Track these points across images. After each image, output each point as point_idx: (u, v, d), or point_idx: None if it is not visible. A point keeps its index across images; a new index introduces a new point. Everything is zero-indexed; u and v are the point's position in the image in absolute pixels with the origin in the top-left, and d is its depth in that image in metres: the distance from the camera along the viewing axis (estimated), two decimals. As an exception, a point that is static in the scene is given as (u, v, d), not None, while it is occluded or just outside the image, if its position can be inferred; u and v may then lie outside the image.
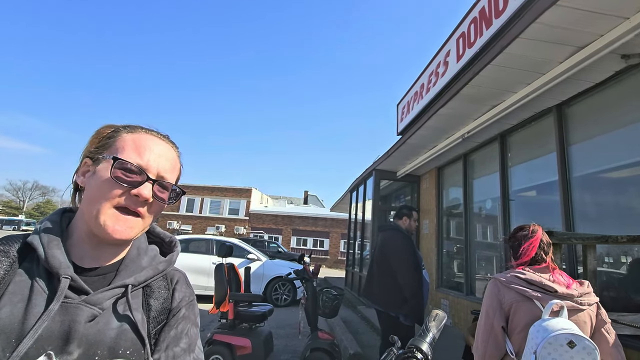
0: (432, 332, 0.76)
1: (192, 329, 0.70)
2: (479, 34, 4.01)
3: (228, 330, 3.51)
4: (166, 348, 0.65)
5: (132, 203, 0.60)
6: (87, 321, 0.57)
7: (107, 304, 0.60)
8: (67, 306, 0.57)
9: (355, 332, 5.09)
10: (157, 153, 0.64)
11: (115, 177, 0.59)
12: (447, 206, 6.03)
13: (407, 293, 2.85)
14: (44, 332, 0.53)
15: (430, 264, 6.04)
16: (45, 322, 0.53)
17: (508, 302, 1.40)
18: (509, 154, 4.35)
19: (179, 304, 0.70)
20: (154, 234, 0.76)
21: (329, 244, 25.59)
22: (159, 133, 0.69)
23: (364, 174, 8.02)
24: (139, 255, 0.68)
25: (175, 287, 0.72)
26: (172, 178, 0.67)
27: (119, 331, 0.60)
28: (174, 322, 0.68)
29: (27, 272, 0.58)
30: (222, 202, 26.14)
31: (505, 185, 4.30)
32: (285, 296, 7.83)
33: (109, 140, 0.64)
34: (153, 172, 0.63)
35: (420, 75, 5.95)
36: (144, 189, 0.60)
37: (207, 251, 7.84)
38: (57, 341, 0.54)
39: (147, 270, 0.67)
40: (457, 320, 4.91)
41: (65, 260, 0.59)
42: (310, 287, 3.62)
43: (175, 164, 0.69)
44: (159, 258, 0.72)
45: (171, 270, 0.74)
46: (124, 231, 0.60)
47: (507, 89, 3.42)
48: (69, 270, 0.58)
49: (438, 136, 4.92)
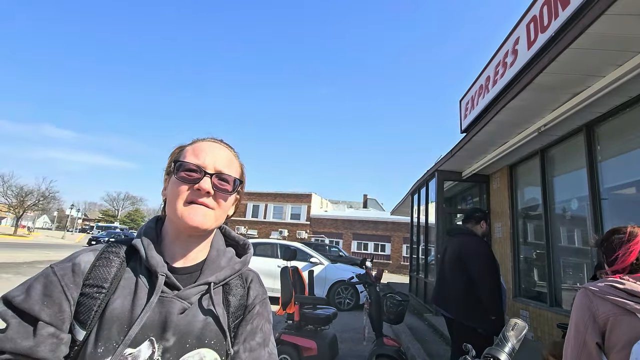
0: (512, 342, 0.70)
1: (265, 324, 0.76)
2: (554, 15, 3.61)
3: (295, 331, 3.62)
4: (244, 341, 0.72)
5: (197, 197, 0.69)
6: (179, 313, 0.66)
7: (194, 299, 0.69)
8: (163, 299, 0.66)
9: (422, 341, 4.88)
10: (211, 153, 0.73)
11: (179, 178, 0.69)
12: (523, 207, 5.48)
13: (489, 305, 2.64)
14: (147, 320, 0.63)
15: (505, 271, 5.53)
16: (147, 312, 0.63)
17: (604, 316, 1.23)
18: (599, 146, 3.81)
19: (254, 301, 0.77)
20: (229, 237, 0.85)
21: (390, 248, 24.93)
22: (214, 138, 0.78)
23: (426, 176, 7.68)
24: (218, 256, 0.76)
25: (250, 286, 0.79)
26: (230, 171, 0.74)
27: (204, 323, 0.68)
28: (249, 318, 0.75)
29: (132, 270, 0.69)
30: (284, 207, 27.14)
31: (595, 183, 3.77)
32: (348, 300, 7.82)
33: (177, 156, 0.75)
34: (210, 167, 0.71)
35: (486, 67, 5.54)
36: (204, 182, 0.69)
37: (273, 254, 8.20)
38: (157, 329, 0.64)
39: (225, 269, 0.75)
40: (540, 334, 4.41)
41: (161, 261, 0.69)
42: (373, 291, 3.57)
43: (231, 160, 0.76)
44: (235, 259, 0.79)
45: (246, 270, 0.81)
46: (199, 219, 0.68)
47: (592, 73, 3.02)
48: (164, 268, 0.68)
49: (509, 131, 4.52)
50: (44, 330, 0.59)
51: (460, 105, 6.78)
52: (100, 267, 0.67)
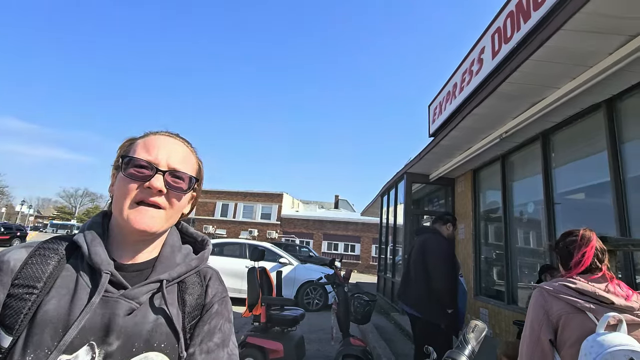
0: (471, 344, 0.71)
1: (225, 324, 0.72)
2: (516, 28, 3.81)
3: (261, 333, 3.55)
4: (200, 342, 0.67)
5: (147, 195, 0.64)
6: (125, 314, 0.60)
7: (144, 299, 0.63)
8: (107, 300, 0.60)
9: (389, 340, 4.96)
10: (165, 148, 0.68)
11: (128, 175, 0.63)
12: (485, 210, 5.74)
13: (444, 296, 2.76)
14: (87, 323, 0.57)
15: (467, 271, 5.77)
16: (88, 314, 0.57)
17: (556, 314, 1.29)
18: (553, 154, 4.07)
19: (212, 300, 0.72)
20: (187, 233, 0.80)
21: (360, 248, 25.29)
22: (168, 132, 0.72)
23: (395, 178, 7.86)
24: (172, 253, 0.71)
25: (208, 284, 0.74)
26: (185, 168, 0.69)
27: (154, 325, 0.63)
28: (207, 318, 0.70)
29: (73, 267, 0.63)
30: (255, 207, 26.74)
31: (549, 188, 4.02)
32: (317, 301, 7.81)
33: (127, 149, 0.69)
34: (163, 164, 0.66)
35: (453, 74, 5.75)
36: (155, 180, 0.64)
37: (241, 255, 8.03)
38: (98, 332, 0.58)
39: (180, 266, 0.70)
40: (498, 331, 4.63)
41: (106, 257, 0.63)
42: (341, 292, 3.58)
43: (187, 156, 0.71)
44: (191, 256, 0.74)
45: (204, 268, 0.76)
46: (145, 221, 0.63)
47: (549, 84, 3.21)
48: (110, 266, 0.62)
49: (473, 137, 4.71)
50: None
51: (429, 110, 6.99)
52: (33, 265, 0.60)
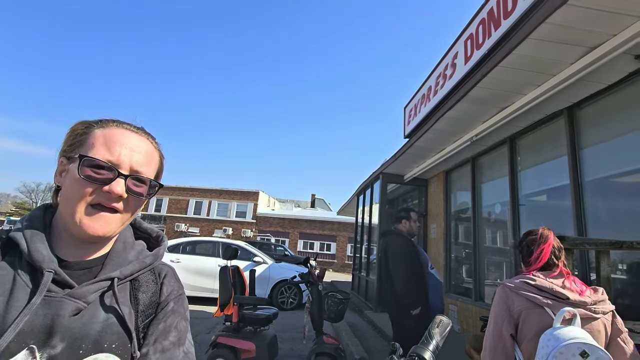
0: (436, 339, 0.72)
1: (181, 322, 0.69)
2: (488, 35, 3.96)
3: (232, 333, 3.49)
4: (154, 342, 0.64)
5: (105, 200, 0.59)
6: (71, 315, 0.56)
7: (92, 298, 0.59)
8: (50, 300, 0.56)
9: (362, 337, 5.03)
10: (129, 147, 0.62)
11: (85, 176, 0.58)
12: (456, 210, 5.94)
13: (406, 299, 2.79)
14: (26, 326, 0.52)
15: (438, 269, 5.92)
16: (27, 315, 0.52)
17: (517, 309, 1.35)
18: (519, 157, 4.27)
19: (167, 297, 0.69)
20: (140, 229, 0.76)
21: (336, 247, 25.47)
22: (132, 125, 0.66)
23: (371, 178, 7.97)
24: (125, 249, 0.67)
25: (163, 281, 0.71)
26: (148, 171, 0.65)
27: (104, 325, 0.59)
28: (162, 316, 0.67)
29: (10, 265, 0.57)
30: (230, 204, 26.26)
31: (515, 190, 4.21)
32: (291, 300, 7.78)
33: (82, 137, 0.63)
34: (125, 167, 0.61)
35: (428, 77, 5.90)
36: (116, 185, 0.59)
37: (214, 254, 7.86)
38: (39, 335, 0.54)
39: (133, 263, 0.66)
40: (466, 327, 4.81)
41: (48, 254, 0.58)
42: (315, 290, 3.59)
43: (152, 156, 0.67)
44: (145, 252, 0.71)
45: (159, 265, 0.73)
46: (101, 227, 0.59)
47: (516, 90, 3.36)
48: (53, 264, 0.58)
49: (446, 139, 4.86)
50: None
51: (404, 112, 7.14)
52: None
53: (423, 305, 2.79)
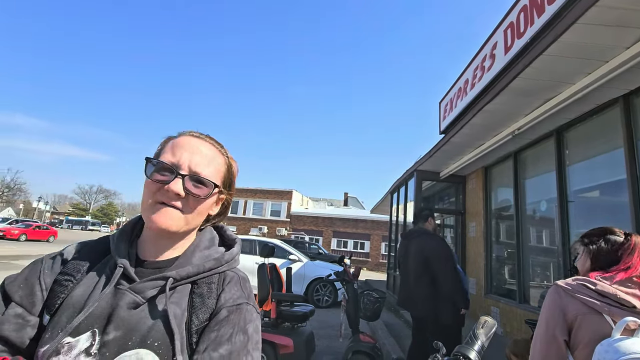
0: (481, 339, 0.71)
1: (237, 335, 0.63)
2: (530, 22, 3.74)
3: (271, 328, 3.60)
4: (204, 350, 0.61)
5: (167, 198, 0.65)
6: (129, 307, 0.61)
7: (150, 294, 0.63)
8: (117, 291, 0.63)
9: (398, 337, 4.97)
10: (190, 150, 0.67)
11: (152, 177, 0.65)
12: (496, 208, 5.67)
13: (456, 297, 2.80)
14: (95, 311, 0.60)
15: (477, 269, 5.72)
16: (96, 302, 0.60)
17: (572, 314, 1.23)
18: (567, 151, 3.99)
19: (223, 305, 0.66)
20: (224, 236, 0.80)
21: (369, 246, 25.24)
22: (199, 133, 0.73)
23: (405, 175, 7.81)
24: (193, 253, 0.70)
25: (224, 288, 0.68)
26: (209, 173, 0.68)
27: (154, 322, 0.62)
28: (214, 324, 0.64)
29: (107, 261, 0.68)
30: (264, 204, 26.93)
31: (563, 185, 3.94)
32: (326, 297, 7.85)
33: (159, 150, 0.71)
34: (184, 167, 0.65)
35: (465, 70, 5.68)
36: (174, 184, 0.64)
37: (251, 251, 8.12)
38: (101, 321, 0.60)
39: (193, 266, 0.67)
40: (509, 330, 4.59)
41: (123, 252, 0.67)
42: (350, 289, 3.60)
43: (212, 159, 0.70)
44: (211, 257, 0.71)
45: (229, 272, 0.72)
46: (164, 220, 0.64)
47: (563, 80, 3.15)
48: (124, 259, 0.65)
49: (485, 134, 4.65)
50: (12, 310, 0.61)
51: (439, 107, 6.92)
52: (80, 257, 0.68)
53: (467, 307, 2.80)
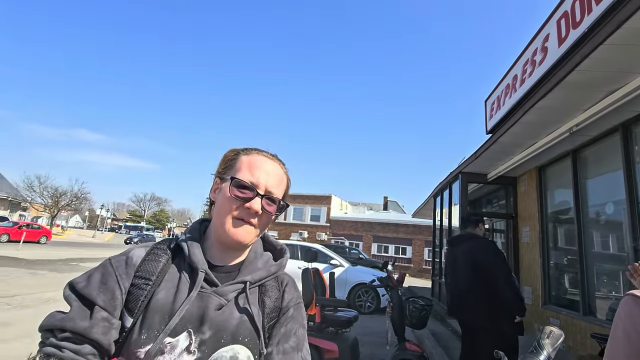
0: (547, 350, 0.68)
1: (300, 329, 0.77)
2: (587, 10, 3.45)
3: (316, 332, 3.63)
4: (277, 343, 0.73)
5: (245, 215, 0.72)
6: (215, 309, 0.69)
7: (231, 297, 0.72)
8: (202, 294, 0.69)
9: (446, 347, 4.76)
10: (265, 171, 0.75)
11: (233, 194, 0.72)
12: (553, 211, 5.25)
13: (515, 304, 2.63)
14: (186, 313, 0.66)
15: (533, 277, 5.32)
16: (187, 305, 0.66)
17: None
18: (636, 147, 3.60)
19: (288, 304, 0.78)
20: (267, 242, 0.88)
21: (411, 251, 24.50)
22: (269, 153, 0.80)
23: (449, 178, 7.51)
24: (255, 258, 0.80)
25: (285, 289, 0.80)
26: (278, 192, 0.77)
27: (239, 321, 0.71)
28: (283, 320, 0.76)
29: (177, 266, 0.74)
30: (304, 209, 27.27)
31: (633, 185, 3.56)
32: (369, 303, 7.74)
33: (231, 162, 0.78)
34: (262, 187, 0.73)
35: (513, 65, 5.37)
36: (254, 203, 0.72)
37: (293, 256, 8.25)
38: (195, 322, 0.67)
39: (261, 271, 0.77)
40: (572, 344, 4.20)
41: (202, 259, 0.73)
42: (395, 295, 3.52)
43: (282, 179, 0.79)
44: (271, 262, 0.82)
45: (282, 274, 0.83)
46: (243, 235, 0.72)
47: (629, 69, 2.86)
48: (205, 266, 0.72)
49: (537, 132, 4.35)
50: (99, 314, 0.64)
51: (485, 106, 6.60)
52: (149, 261, 0.72)
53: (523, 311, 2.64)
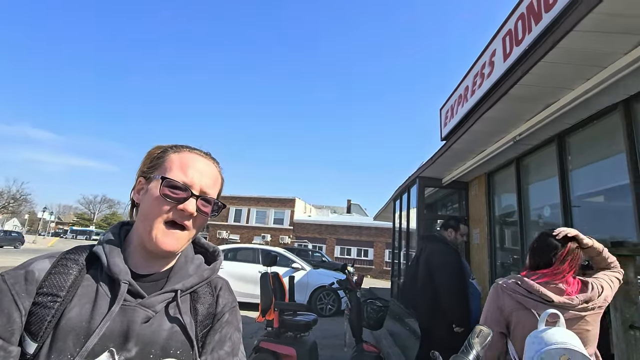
0: (476, 349, 0.71)
1: (235, 333, 0.74)
2: (528, 30, 3.76)
3: (274, 338, 3.57)
4: (212, 351, 0.69)
5: (178, 217, 0.66)
6: (142, 322, 0.63)
7: (160, 307, 0.66)
8: (125, 308, 0.63)
9: (403, 346, 4.90)
10: (199, 170, 0.70)
11: (163, 195, 0.65)
12: (500, 214, 5.64)
13: (453, 316, 2.70)
14: (107, 330, 0.60)
15: (482, 276, 5.66)
16: (108, 321, 0.60)
17: (508, 310, 1.41)
18: (569, 156, 3.98)
19: (223, 309, 0.75)
20: (199, 244, 0.82)
21: (373, 253, 25.08)
22: (202, 151, 0.75)
23: (408, 182, 7.80)
24: (186, 264, 0.74)
25: (219, 294, 0.76)
26: (213, 193, 0.72)
27: (170, 332, 0.66)
28: (218, 326, 0.73)
29: (93, 277, 0.65)
30: (267, 212, 26.91)
31: (566, 191, 3.92)
32: (329, 306, 7.78)
33: (159, 160, 0.71)
34: (196, 188, 0.69)
35: (464, 77, 5.71)
36: (189, 204, 0.66)
37: (254, 260, 8.09)
38: (117, 339, 0.61)
39: (193, 277, 0.72)
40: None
41: (124, 268, 0.66)
42: (353, 297, 3.58)
43: (217, 179, 0.74)
44: (203, 266, 0.77)
45: (215, 278, 0.78)
46: (173, 244, 0.66)
47: (563, 85, 3.16)
48: (128, 276, 0.65)
49: (486, 140, 4.66)
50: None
51: (440, 114, 6.94)
52: (56, 274, 0.63)
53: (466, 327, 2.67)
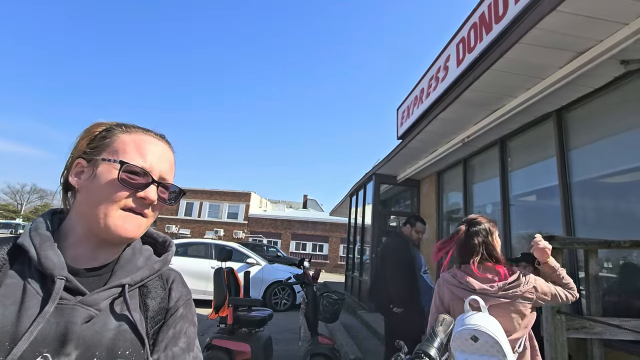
0: (440, 337, 0.75)
1: (190, 328, 0.70)
2: (479, 39, 4.04)
3: (227, 335, 3.48)
4: (165, 348, 0.64)
5: (138, 205, 0.60)
6: (83, 322, 0.56)
7: (104, 305, 0.59)
8: (62, 308, 0.55)
9: (356, 337, 5.06)
10: (157, 154, 0.64)
11: (121, 180, 0.59)
12: (447, 211, 6.02)
13: (395, 298, 2.90)
14: (39, 334, 0.52)
15: (431, 270, 6.00)
16: (40, 324, 0.52)
17: (447, 300, 1.60)
18: (509, 158, 4.36)
19: (176, 303, 0.70)
20: (147, 234, 0.75)
21: (328, 248, 25.50)
22: (156, 133, 0.68)
23: (364, 179, 8.02)
24: (134, 255, 0.67)
25: (171, 287, 0.71)
26: (171, 178, 0.67)
27: (117, 332, 0.59)
28: (172, 322, 0.67)
29: (19, 274, 0.56)
30: (221, 206, 26.07)
31: (506, 190, 4.30)
32: (285, 301, 7.78)
33: (104, 140, 0.63)
34: (156, 174, 0.63)
35: (421, 79, 5.97)
36: (150, 191, 0.61)
37: (206, 255, 7.80)
38: (53, 343, 0.53)
39: (143, 270, 0.66)
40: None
41: (59, 261, 0.57)
42: (310, 291, 3.60)
43: (173, 164, 0.69)
44: (154, 258, 0.71)
45: (167, 270, 0.73)
46: (134, 230, 0.60)
47: (507, 93, 3.43)
48: (64, 271, 0.56)
49: (438, 140, 4.93)
50: None
51: (397, 113, 7.21)
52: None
53: (411, 308, 2.86)
